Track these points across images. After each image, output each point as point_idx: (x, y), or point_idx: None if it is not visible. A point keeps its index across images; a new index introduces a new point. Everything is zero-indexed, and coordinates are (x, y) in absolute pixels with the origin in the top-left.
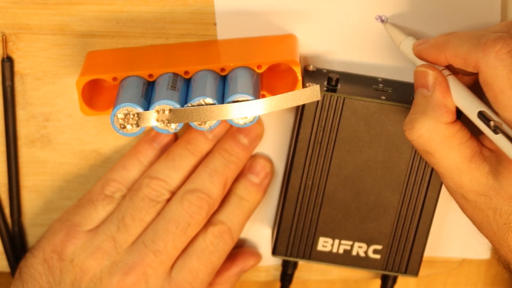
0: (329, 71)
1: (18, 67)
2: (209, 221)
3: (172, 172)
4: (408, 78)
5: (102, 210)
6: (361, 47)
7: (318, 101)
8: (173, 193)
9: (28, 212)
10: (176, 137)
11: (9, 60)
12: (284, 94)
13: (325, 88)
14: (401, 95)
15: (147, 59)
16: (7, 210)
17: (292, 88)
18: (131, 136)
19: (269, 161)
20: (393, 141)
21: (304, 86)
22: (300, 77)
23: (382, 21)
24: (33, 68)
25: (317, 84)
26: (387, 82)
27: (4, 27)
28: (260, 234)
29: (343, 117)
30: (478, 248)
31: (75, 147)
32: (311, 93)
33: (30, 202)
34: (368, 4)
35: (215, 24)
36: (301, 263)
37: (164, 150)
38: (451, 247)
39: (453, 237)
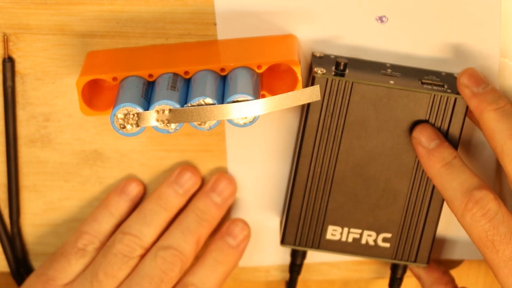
0: (337, 57)
1: (18, 67)
2: (182, 283)
3: (144, 227)
4: (416, 64)
5: (75, 263)
6: (361, 47)
7: (326, 87)
8: (146, 249)
9: (28, 212)
10: (145, 188)
11: (10, 61)
12: (284, 94)
13: (333, 73)
14: (410, 80)
15: (147, 59)
16: (6, 211)
17: (292, 88)
18: (131, 136)
19: (247, 224)
20: (402, 126)
21: (312, 71)
22: (300, 77)
23: (382, 21)
24: (33, 68)
25: (324, 69)
26: (395, 67)
27: (4, 27)
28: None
29: (352, 102)
30: None
31: (75, 147)
32: (311, 93)
33: (30, 202)
34: (368, 4)
35: (215, 24)
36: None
37: (135, 201)
38: (451, 247)
39: (453, 238)
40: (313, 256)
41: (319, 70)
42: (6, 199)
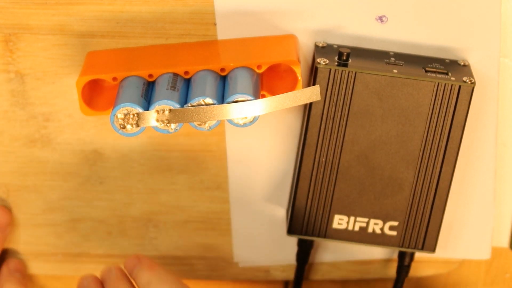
0: (339, 46)
1: (18, 67)
2: None
3: None
4: (420, 51)
5: None
6: (362, 47)
7: (329, 77)
8: None
9: (28, 212)
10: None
11: None
12: (284, 94)
13: (336, 63)
14: (414, 68)
15: (147, 59)
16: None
17: (292, 88)
18: (131, 136)
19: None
20: (406, 114)
21: (315, 62)
22: (300, 77)
23: (382, 21)
24: (33, 68)
25: (327, 59)
26: (398, 55)
27: (4, 27)
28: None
29: (355, 92)
30: (478, 248)
31: (75, 147)
32: (311, 93)
33: (30, 202)
34: (368, 4)
35: (215, 24)
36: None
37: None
38: (451, 247)
39: (453, 238)
40: (313, 256)
41: (321, 61)
42: (7, 198)
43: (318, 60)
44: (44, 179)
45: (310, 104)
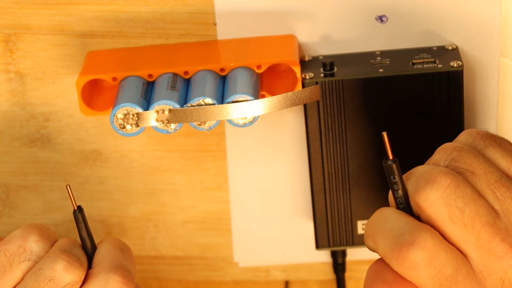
0: (325, 57)
1: (18, 67)
2: None
3: None
4: (405, 44)
5: None
6: (362, 46)
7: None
8: None
9: (28, 212)
10: None
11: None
12: (284, 94)
13: (322, 75)
14: (399, 63)
15: (147, 59)
16: (6, 211)
17: (292, 88)
18: (131, 136)
19: None
20: (404, 110)
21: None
22: (300, 77)
23: (382, 21)
24: (33, 68)
25: (312, 72)
26: (384, 53)
27: (4, 27)
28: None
29: (346, 99)
30: None
31: (75, 147)
32: (311, 93)
33: (30, 202)
34: (367, 3)
35: (215, 24)
36: (302, 262)
37: None
38: None
39: None
40: (313, 256)
41: (307, 76)
42: (7, 199)
43: (303, 75)
44: (44, 179)
45: (306, 119)
